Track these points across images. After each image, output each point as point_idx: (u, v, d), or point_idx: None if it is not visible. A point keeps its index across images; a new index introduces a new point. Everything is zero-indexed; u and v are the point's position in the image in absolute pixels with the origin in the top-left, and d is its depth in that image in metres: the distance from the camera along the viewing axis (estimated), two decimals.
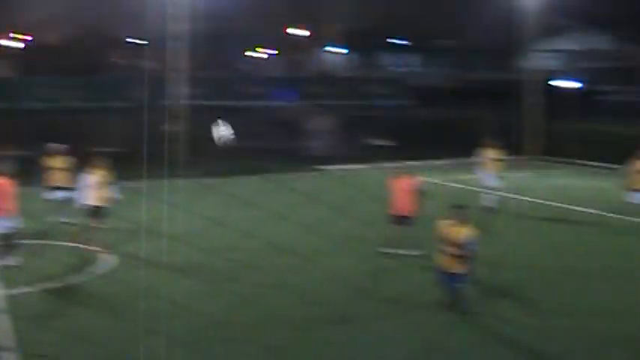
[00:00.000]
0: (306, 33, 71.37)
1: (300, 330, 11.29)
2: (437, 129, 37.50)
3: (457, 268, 12.00)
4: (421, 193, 16.49)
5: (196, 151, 30.52)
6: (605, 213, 20.40)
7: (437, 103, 45.61)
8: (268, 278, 13.76)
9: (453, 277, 12.08)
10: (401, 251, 16.22)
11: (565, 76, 54.98)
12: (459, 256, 11.92)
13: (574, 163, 36.28)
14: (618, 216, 20.10)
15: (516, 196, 20.83)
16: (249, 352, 10.78)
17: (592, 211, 20.60)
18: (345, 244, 16.00)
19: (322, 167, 29.78)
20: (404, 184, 16.59)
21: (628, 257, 16.56)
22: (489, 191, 22.49)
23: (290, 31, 70.26)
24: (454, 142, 36.08)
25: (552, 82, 52.14)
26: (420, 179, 16.58)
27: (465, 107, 43.49)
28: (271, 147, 33.62)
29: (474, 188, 22.20)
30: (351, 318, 11.89)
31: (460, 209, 12.19)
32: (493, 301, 12.46)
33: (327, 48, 74.73)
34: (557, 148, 38.23)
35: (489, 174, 22.66)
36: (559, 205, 20.50)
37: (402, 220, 16.44)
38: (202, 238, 15.63)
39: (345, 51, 76.95)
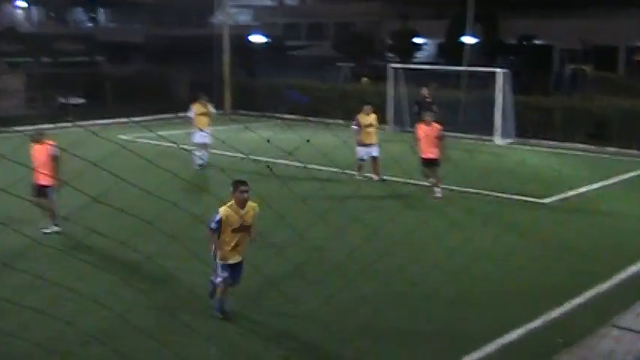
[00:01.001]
0: None
1: None
2: (131, 86, 36.72)
3: (241, 256, 10.51)
4: (56, 159, 14.63)
5: None
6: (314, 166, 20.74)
7: (131, 60, 44.75)
8: None
9: (236, 268, 10.52)
10: (48, 230, 14.88)
11: (257, 31, 56.12)
12: (244, 241, 10.46)
13: (269, 117, 37.27)
14: (321, 167, 20.56)
15: (223, 152, 20.63)
16: None
17: (296, 164, 20.86)
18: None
19: (10, 128, 27.95)
20: (42, 150, 14.71)
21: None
22: (198, 148, 22.37)
23: None
24: (150, 99, 35.62)
25: (246, 38, 53.10)
26: (53, 144, 14.67)
27: (160, 64, 43.10)
28: None
29: (170, 144, 21.87)
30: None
31: (242, 185, 10.29)
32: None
33: (15, 2, 70.40)
34: (253, 102, 39.05)
35: (197, 130, 22.19)
36: (261, 158, 20.52)
37: (40, 190, 14.80)
38: None
39: (31, 6, 73.07)
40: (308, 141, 10.24)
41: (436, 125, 19.23)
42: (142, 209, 8.33)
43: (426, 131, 19.22)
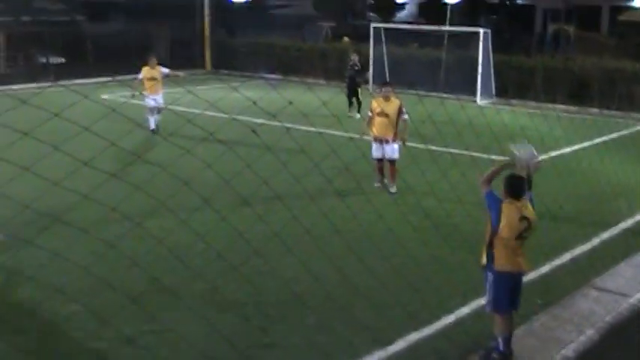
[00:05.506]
0: None
1: None
2: (112, 45, 36.48)
3: None
4: None
5: None
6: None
7: (112, 19, 44.28)
8: None
9: None
10: None
11: None
12: None
13: (251, 76, 37.22)
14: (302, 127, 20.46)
15: (204, 112, 20.41)
16: None
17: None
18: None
19: None
20: None
21: None
22: (149, 112, 21.94)
23: None
24: (131, 58, 35.41)
25: None
26: None
27: (141, 22, 42.67)
28: None
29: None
30: None
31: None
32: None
33: None
34: (233, 62, 38.92)
35: (148, 93, 21.42)
36: (250, 119, 20.37)
37: None
38: None
39: None
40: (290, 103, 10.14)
41: None
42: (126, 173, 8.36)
43: None
